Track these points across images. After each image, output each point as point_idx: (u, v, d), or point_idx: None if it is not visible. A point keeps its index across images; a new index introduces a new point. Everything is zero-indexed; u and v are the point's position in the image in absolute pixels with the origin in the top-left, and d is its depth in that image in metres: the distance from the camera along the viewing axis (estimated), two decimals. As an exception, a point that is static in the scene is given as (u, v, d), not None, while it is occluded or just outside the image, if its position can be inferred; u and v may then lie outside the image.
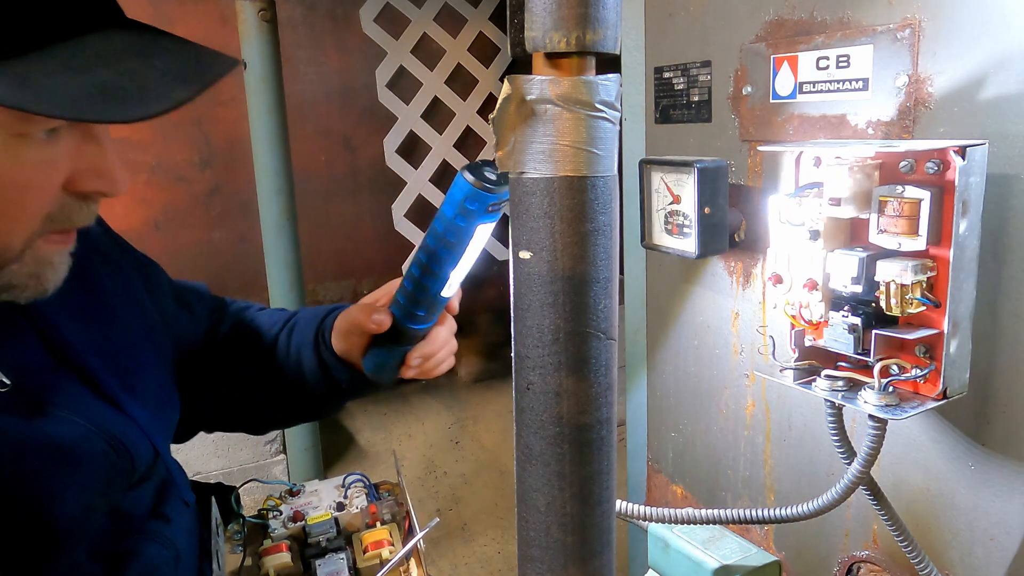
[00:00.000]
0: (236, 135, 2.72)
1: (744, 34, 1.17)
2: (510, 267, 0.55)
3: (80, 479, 0.70)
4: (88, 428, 0.71)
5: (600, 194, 0.53)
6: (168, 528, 0.83)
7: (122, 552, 0.77)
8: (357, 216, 3.13)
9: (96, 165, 0.63)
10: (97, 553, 0.75)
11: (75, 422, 0.70)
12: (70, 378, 0.72)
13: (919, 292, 0.86)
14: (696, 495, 1.47)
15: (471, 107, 3.22)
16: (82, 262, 0.71)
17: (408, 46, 3.05)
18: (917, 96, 0.95)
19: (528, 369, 0.56)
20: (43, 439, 0.67)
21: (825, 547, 1.20)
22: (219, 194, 2.82)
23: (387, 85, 3.04)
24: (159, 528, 0.82)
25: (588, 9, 0.50)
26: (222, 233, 2.84)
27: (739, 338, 1.30)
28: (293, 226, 2.21)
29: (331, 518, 1.03)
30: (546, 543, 0.59)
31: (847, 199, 0.92)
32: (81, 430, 0.71)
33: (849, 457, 0.99)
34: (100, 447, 0.72)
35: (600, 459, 0.58)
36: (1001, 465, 0.94)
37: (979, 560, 0.99)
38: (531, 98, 0.52)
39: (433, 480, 3.19)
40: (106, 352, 0.77)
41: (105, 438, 0.72)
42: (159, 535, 0.81)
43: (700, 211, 1.17)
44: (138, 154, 2.64)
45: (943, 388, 0.88)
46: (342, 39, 3.01)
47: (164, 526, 0.83)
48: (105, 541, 0.76)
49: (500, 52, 3.25)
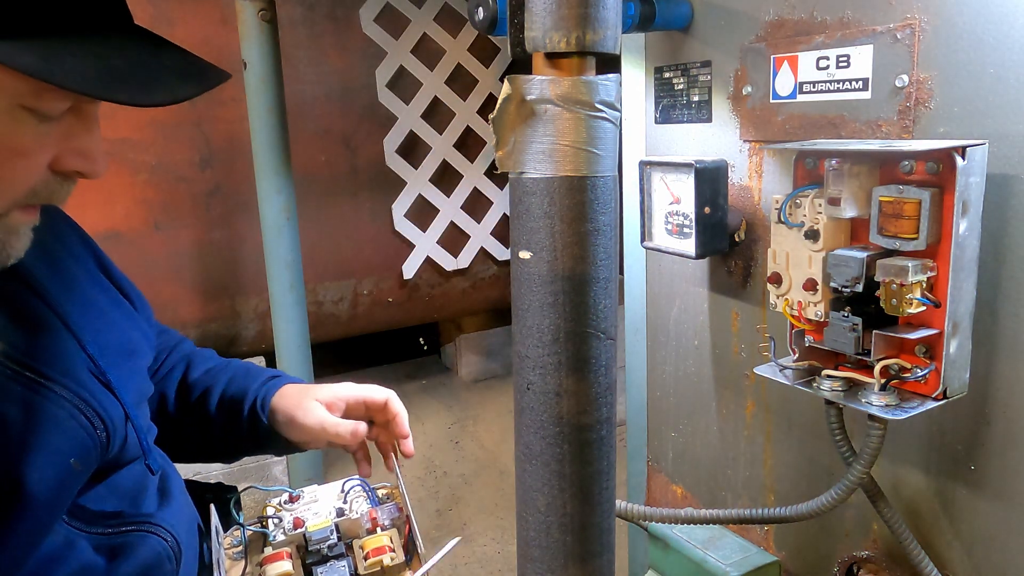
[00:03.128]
0: (236, 135, 2.72)
1: (744, 34, 1.17)
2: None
3: (54, 444, 0.71)
4: (66, 392, 0.74)
5: (600, 194, 0.54)
6: (166, 518, 0.84)
7: (122, 545, 0.78)
8: (357, 216, 3.13)
9: (83, 147, 0.67)
10: (99, 545, 0.77)
11: (52, 388, 0.73)
12: (55, 346, 0.75)
13: (919, 292, 0.86)
14: (696, 495, 1.47)
15: (471, 107, 3.22)
16: (47, 246, 0.74)
17: (408, 46, 3.05)
18: (917, 96, 0.95)
19: (528, 369, 0.56)
20: (20, 401, 0.70)
21: (825, 547, 1.20)
22: (219, 194, 2.81)
23: (387, 85, 3.04)
24: (157, 519, 0.83)
25: (588, 9, 0.50)
26: (222, 233, 2.83)
27: (739, 338, 1.30)
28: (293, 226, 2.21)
29: (331, 524, 1.02)
30: (546, 543, 0.59)
31: (847, 199, 0.92)
32: (58, 395, 0.73)
33: (849, 457, 0.99)
34: (75, 413, 0.74)
35: (600, 459, 0.58)
36: (1001, 465, 0.94)
37: (979, 560, 0.99)
38: (531, 98, 0.52)
39: (433, 480, 3.19)
40: (86, 322, 0.80)
41: (80, 407, 0.75)
42: (157, 527, 0.83)
43: (700, 211, 1.17)
44: (138, 154, 2.64)
45: (943, 388, 0.88)
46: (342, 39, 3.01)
47: (163, 514, 0.84)
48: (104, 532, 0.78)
49: (500, 52, 3.25)
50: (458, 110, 3.19)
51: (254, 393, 1.03)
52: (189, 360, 1.09)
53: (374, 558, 0.98)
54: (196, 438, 1.06)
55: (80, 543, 0.75)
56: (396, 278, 3.24)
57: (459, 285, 3.42)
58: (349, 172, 3.08)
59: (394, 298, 3.28)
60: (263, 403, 1.02)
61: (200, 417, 1.05)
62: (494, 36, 1.11)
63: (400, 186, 3.14)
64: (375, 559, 0.98)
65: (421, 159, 3.17)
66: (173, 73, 0.67)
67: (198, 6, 2.74)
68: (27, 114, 0.62)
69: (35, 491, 0.69)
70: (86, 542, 0.76)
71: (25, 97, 0.61)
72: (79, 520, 0.77)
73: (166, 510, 0.86)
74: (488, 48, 3.23)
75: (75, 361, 0.76)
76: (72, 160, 0.67)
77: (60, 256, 0.82)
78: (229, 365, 1.10)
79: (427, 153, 3.17)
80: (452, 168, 3.23)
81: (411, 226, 3.20)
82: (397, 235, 3.18)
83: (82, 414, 0.75)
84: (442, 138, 3.19)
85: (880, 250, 0.90)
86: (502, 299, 3.49)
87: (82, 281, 0.84)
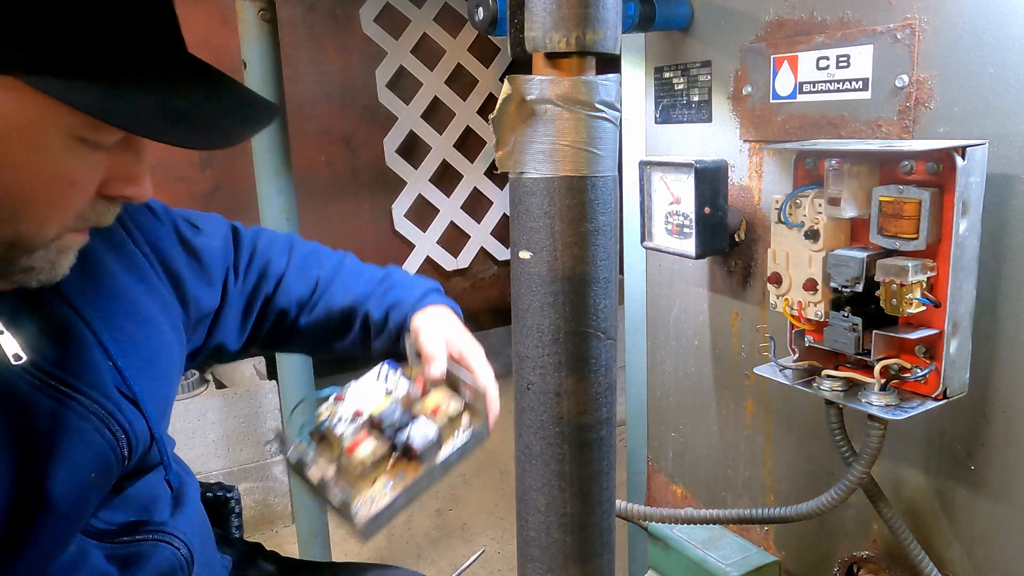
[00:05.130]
0: (236, 135, 2.72)
1: (744, 34, 1.17)
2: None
3: (77, 457, 0.71)
4: (93, 406, 0.73)
5: (600, 194, 0.54)
6: (179, 527, 0.84)
7: (135, 554, 0.78)
8: (357, 216, 3.13)
9: (131, 173, 0.68)
10: (112, 555, 0.77)
11: (80, 400, 0.73)
12: (83, 358, 0.75)
13: (919, 292, 0.86)
14: (696, 495, 1.47)
15: (471, 107, 3.22)
16: (87, 247, 0.73)
17: (408, 46, 3.05)
18: (917, 96, 0.95)
19: (528, 369, 0.56)
20: (48, 413, 0.70)
21: (825, 547, 1.20)
22: (219, 194, 2.81)
23: (387, 85, 3.04)
24: (170, 528, 0.83)
25: (588, 9, 0.50)
26: (222, 233, 2.84)
27: (739, 338, 1.30)
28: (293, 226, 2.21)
29: (391, 402, 0.99)
30: (546, 543, 0.59)
31: (847, 199, 0.92)
32: (86, 408, 0.73)
33: (849, 457, 0.99)
34: (100, 427, 0.74)
35: (600, 459, 0.58)
36: (1001, 465, 0.94)
37: (979, 560, 0.99)
38: (531, 98, 0.52)
39: (433, 480, 3.18)
40: (115, 331, 0.79)
41: (106, 421, 0.74)
42: (171, 536, 0.83)
43: (700, 211, 1.17)
44: (138, 154, 2.64)
45: (943, 388, 0.88)
46: (342, 39, 3.01)
47: (175, 523, 0.84)
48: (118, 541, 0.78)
49: (500, 52, 3.25)
50: (458, 110, 3.19)
51: (404, 314, 1.02)
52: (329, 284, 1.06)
53: (439, 414, 0.98)
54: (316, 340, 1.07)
55: (93, 552, 0.75)
56: (396, 278, 3.23)
57: (459, 285, 3.42)
58: (349, 172, 3.08)
59: (394, 298, 3.28)
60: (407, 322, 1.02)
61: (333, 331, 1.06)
62: (494, 36, 1.11)
63: (400, 186, 3.14)
64: (441, 414, 0.97)
65: (421, 159, 3.17)
66: (228, 112, 0.68)
67: (198, 6, 2.74)
68: (81, 144, 0.62)
69: (58, 503, 0.69)
70: (99, 551, 0.76)
71: (81, 129, 0.61)
72: (92, 529, 0.77)
73: (180, 518, 0.86)
74: (488, 48, 3.23)
75: (103, 374, 0.76)
76: (120, 186, 0.68)
77: (93, 247, 0.80)
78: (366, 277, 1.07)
79: (427, 153, 3.17)
80: (452, 168, 3.24)
81: (411, 226, 3.20)
82: (397, 235, 3.19)
83: (107, 428, 0.74)
84: (442, 138, 3.19)
85: (880, 250, 0.90)
86: (502, 299, 3.49)
87: (115, 272, 0.82)
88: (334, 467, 0.90)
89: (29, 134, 0.60)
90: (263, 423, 2.70)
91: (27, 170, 0.61)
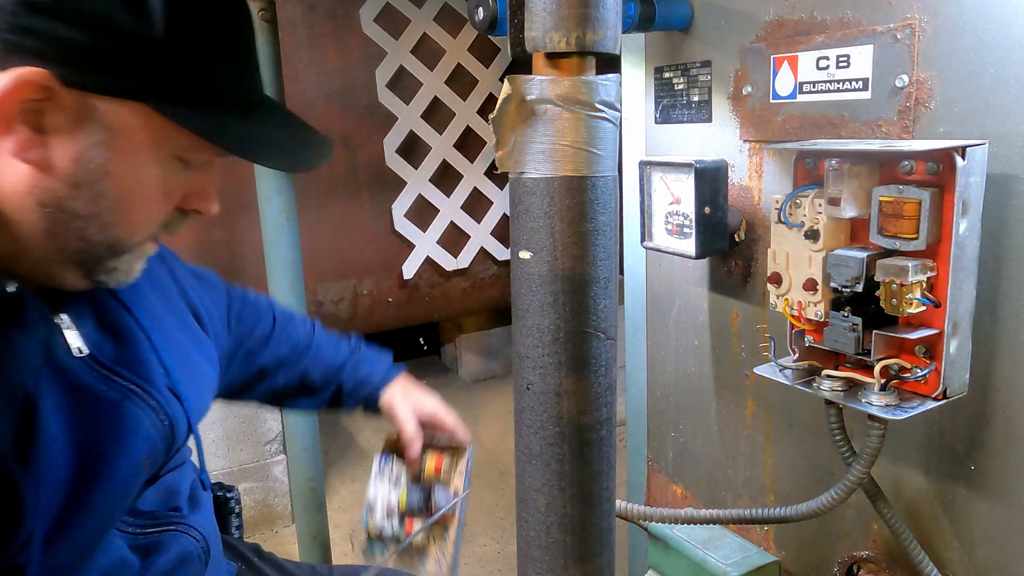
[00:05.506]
0: (236, 135, 2.72)
1: (744, 34, 1.17)
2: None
3: (133, 440, 0.78)
4: (147, 397, 0.80)
5: (600, 194, 0.54)
6: (196, 519, 0.89)
7: (156, 543, 0.83)
8: (357, 216, 3.12)
9: (205, 190, 0.78)
10: (134, 544, 0.81)
11: (136, 392, 0.79)
12: (137, 354, 0.82)
13: (919, 292, 0.86)
14: (696, 495, 1.47)
15: (471, 107, 3.21)
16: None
17: (408, 46, 3.05)
18: (917, 96, 0.95)
19: (528, 369, 0.56)
20: (109, 400, 0.77)
21: (825, 547, 1.20)
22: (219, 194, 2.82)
23: (387, 85, 3.04)
24: (189, 520, 0.88)
25: (588, 9, 0.50)
26: (222, 233, 2.83)
27: (739, 338, 1.30)
28: (293, 226, 2.20)
29: (406, 486, 1.13)
30: (546, 543, 0.59)
31: (847, 199, 0.92)
32: (141, 398, 0.80)
33: (849, 457, 0.99)
34: (152, 416, 0.80)
35: (600, 459, 0.58)
36: (1001, 465, 0.94)
37: (979, 560, 0.99)
38: (531, 98, 0.52)
39: (433, 480, 3.18)
40: (162, 335, 0.87)
41: (157, 411, 0.81)
42: (189, 527, 0.87)
43: (700, 211, 1.17)
44: (138, 154, 2.64)
45: (943, 388, 0.88)
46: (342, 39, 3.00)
47: (193, 517, 0.89)
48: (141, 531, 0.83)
49: (500, 52, 3.25)
50: (458, 110, 3.19)
51: (374, 388, 1.16)
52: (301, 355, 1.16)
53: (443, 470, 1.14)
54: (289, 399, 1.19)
55: (116, 541, 0.79)
56: (396, 278, 3.23)
57: (459, 285, 3.41)
58: (349, 172, 3.08)
59: (394, 298, 3.28)
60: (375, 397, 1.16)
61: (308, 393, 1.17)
62: (494, 36, 1.11)
63: (400, 186, 3.14)
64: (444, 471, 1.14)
65: (421, 159, 3.16)
66: (303, 144, 0.79)
67: (198, 6, 2.73)
68: (177, 163, 0.72)
69: (114, 478, 0.75)
70: (121, 540, 0.80)
71: (183, 150, 0.71)
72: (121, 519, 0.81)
73: (197, 513, 0.91)
74: (488, 48, 3.22)
75: (154, 370, 0.82)
76: (195, 201, 0.77)
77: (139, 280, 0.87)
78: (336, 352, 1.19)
79: (427, 153, 3.17)
80: (452, 168, 3.23)
81: (411, 226, 3.20)
82: (397, 235, 3.18)
83: (158, 417, 0.81)
84: (442, 138, 3.19)
85: (880, 250, 0.90)
86: (502, 299, 3.49)
87: (155, 303, 0.90)
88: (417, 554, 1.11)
89: (143, 151, 0.69)
90: (263, 423, 2.70)
91: (134, 180, 0.69)
